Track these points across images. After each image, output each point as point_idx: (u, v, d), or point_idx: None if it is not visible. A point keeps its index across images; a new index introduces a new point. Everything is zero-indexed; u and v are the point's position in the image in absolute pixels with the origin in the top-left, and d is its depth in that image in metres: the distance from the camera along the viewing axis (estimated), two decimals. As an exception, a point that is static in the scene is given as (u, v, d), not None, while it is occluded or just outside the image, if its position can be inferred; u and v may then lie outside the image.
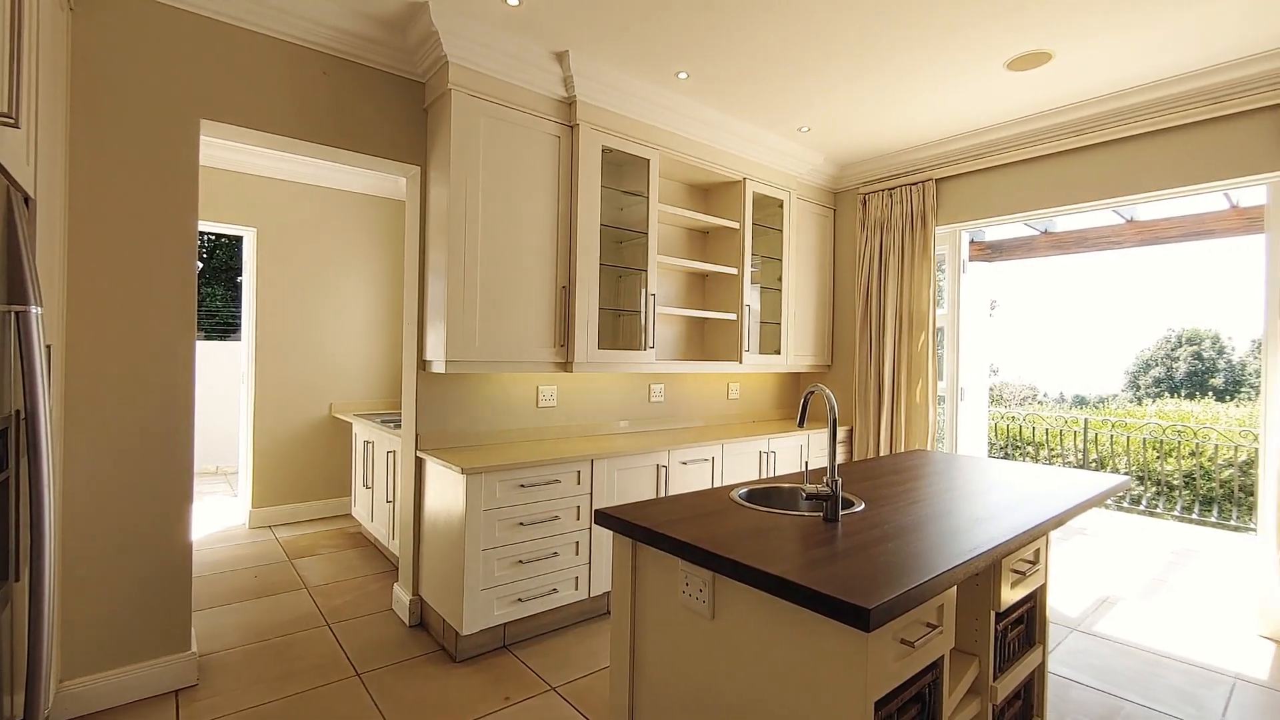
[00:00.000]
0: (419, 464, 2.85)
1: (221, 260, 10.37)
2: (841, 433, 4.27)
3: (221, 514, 4.71)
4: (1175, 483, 6.22)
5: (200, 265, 10.05)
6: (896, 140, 3.83)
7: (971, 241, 4.53)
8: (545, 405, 3.25)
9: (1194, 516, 5.77)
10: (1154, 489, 6.29)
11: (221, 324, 9.11)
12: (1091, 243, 5.12)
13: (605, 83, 2.96)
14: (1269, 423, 2.80)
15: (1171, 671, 2.56)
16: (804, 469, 2.03)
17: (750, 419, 4.34)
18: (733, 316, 3.76)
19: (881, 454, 4.09)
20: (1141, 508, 6.05)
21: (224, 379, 6.29)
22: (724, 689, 1.32)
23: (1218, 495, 5.95)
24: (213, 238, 10.03)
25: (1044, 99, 3.19)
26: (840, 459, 4.23)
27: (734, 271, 3.76)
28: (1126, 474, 5.40)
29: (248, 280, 4.38)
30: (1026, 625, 1.89)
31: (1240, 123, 2.86)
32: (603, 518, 1.61)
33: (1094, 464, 6.83)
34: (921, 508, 1.68)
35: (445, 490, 2.62)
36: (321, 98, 2.59)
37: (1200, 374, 22.62)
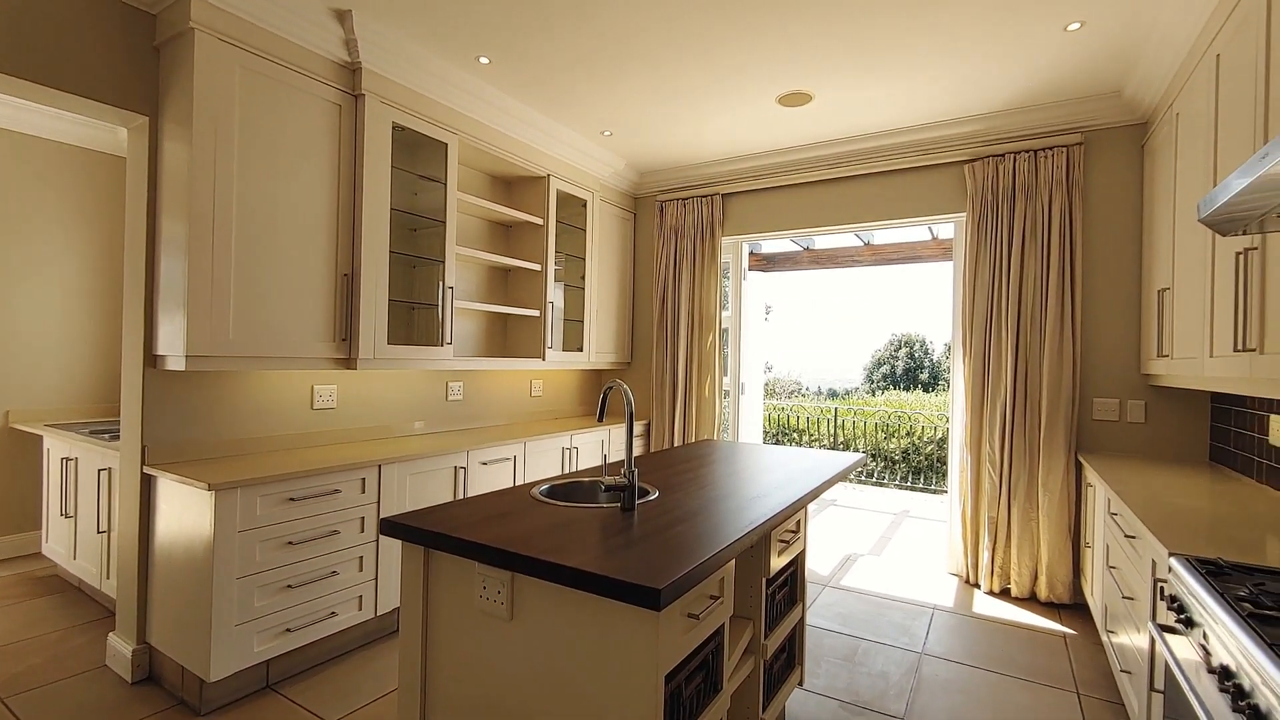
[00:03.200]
0: (147, 482, 2.32)
1: None
2: (640, 426, 4.49)
3: None
4: (896, 458, 7.70)
5: None
6: (690, 155, 4.14)
7: (750, 253, 5.09)
8: (323, 407, 2.88)
9: (909, 484, 7.21)
10: (882, 464, 7.73)
11: None
12: (840, 260, 6.12)
13: (397, 54, 2.72)
14: (955, 408, 3.59)
15: (893, 610, 3.15)
16: (603, 463, 2.07)
17: (553, 416, 4.34)
18: (536, 313, 3.72)
19: (676, 444, 4.38)
20: (874, 480, 7.38)
21: None
22: (522, 688, 1.28)
23: (924, 466, 7.51)
24: None
25: (808, 134, 3.70)
26: (639, 451, 4.44)
27: (537, 268, 3.72)
28: (863, 452, 6.55)
29: None
30: (790, 587, 2.16)
31: (940, 172, 3.62)
32: (390, 526, 1.46)
33: (842, 445, 8.15)
34: (708, 491, 1.83)
35: (186, 511, 2.17)
36: (-9, 8, 1.96)
37: (913, 370, 28.41)
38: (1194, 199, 2.25)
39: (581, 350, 4.12)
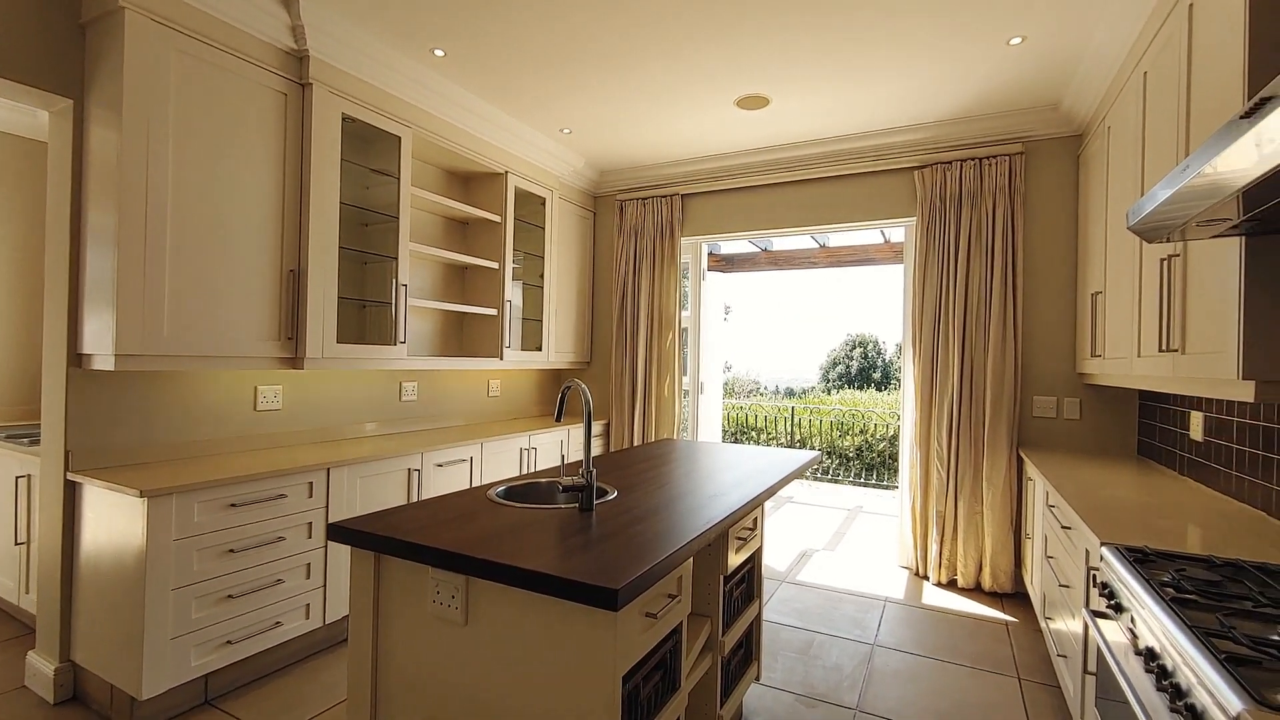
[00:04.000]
0: (71, 489, 2.17)
1: None
2: (599, 426, 4.47)
3: None
4: (850, 455, 7.91)
5: None
6: (650, 155, 4.14)
7: (710, 254, 5.13)
8: (267, 408, 2.76)
9: (863, 480, 7.41)
10: (837, 461, 7.91)
11: None
12: (797, 261, 6.23)
13: (346, 42, 2.62)
14: (906, 406, 3.70)
15: (847, 604, 3.22)
16: (562, 463, 2.06)
17: (512, 416, 4.28)
18: (493, 312, 3.66)
19: (635, 444, 4.38)
20: (829, 477, 7.55)
21: None
22: (477, 693, 1.26)
23: (876, 462, 7.73)
24: None
25: (765, 136, 3.75)
26: (598, 451, 4.42)
27: (495, 266, 3.66)
28: (819, 450, 6.71)
29: None
30: (747, 584, 2.19)
31: (891, 178, 3.73)
32: (338, 532, 1.41)
33: (798, 443, 8.32)
34: (667, 490, 1.83)
35: (115, 520, 2.04)
36: (-110, -25, 1.80)
37: (867, 369, 29.24)
38: (1124, 207, 2.38)
39: (540, 349, 4.08)
